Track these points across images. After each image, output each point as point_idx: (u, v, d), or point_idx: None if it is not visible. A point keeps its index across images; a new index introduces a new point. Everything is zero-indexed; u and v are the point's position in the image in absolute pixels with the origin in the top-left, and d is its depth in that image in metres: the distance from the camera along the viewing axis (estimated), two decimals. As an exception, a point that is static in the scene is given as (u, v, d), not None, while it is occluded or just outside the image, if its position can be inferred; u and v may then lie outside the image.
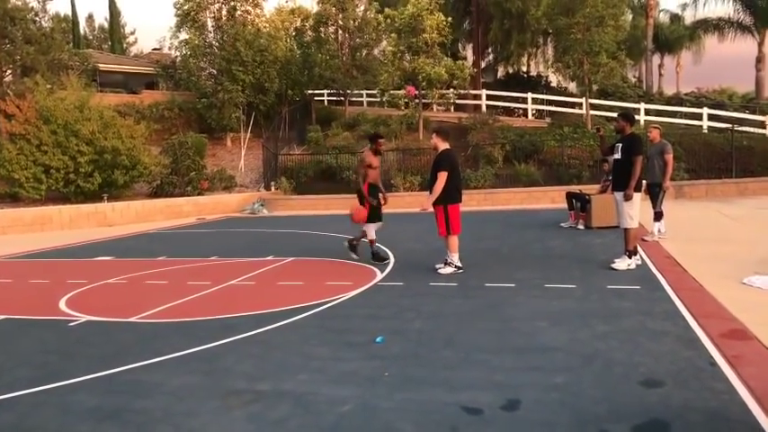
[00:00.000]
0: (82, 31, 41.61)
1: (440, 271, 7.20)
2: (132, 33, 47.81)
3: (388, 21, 21.62)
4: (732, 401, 3.19)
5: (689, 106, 23.08)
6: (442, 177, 6.95)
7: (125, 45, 43.59)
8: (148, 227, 15.33)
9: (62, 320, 5.75)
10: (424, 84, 21.01)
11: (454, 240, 7.19)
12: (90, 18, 46.83)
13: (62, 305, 6.43)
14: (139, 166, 18.42)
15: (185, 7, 24.74)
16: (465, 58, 30.14)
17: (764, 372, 3.56)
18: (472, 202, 15.97)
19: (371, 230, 8.08)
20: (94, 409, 3.53)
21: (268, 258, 9.08)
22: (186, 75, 25.20)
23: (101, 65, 27.67)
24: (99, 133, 17.64)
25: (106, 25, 43.63)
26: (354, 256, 8.42)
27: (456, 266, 7.19)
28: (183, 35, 25.33)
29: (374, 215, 8.00)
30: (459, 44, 34.26)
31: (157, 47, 35.77)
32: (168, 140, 21.38)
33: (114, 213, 16.54)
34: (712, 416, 3.03)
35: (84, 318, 5.80)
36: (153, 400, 3.62)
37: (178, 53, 26.35)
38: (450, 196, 7.05)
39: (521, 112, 26.29)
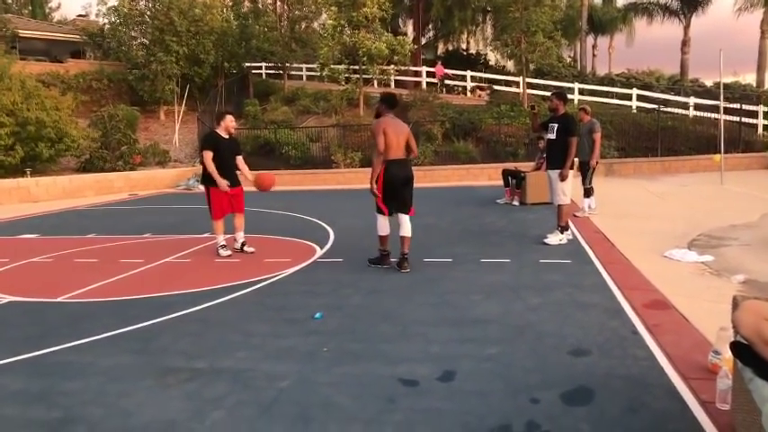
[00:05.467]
0: (-1, -6, 38.86)
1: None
2: (56, -3, 45.06)
3: (328, -7, 21.27)
4: (651, 367, 3.39)
5: (620, 87, 23.93)
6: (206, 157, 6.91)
7: (47, 10, 41.11)
8: (77, 203, 14.65)
9: (-18, 301, 5.46)
10: (364, 59, 20.85)
11: (218, 225, 7.15)
12: (9, -20, 43.74)
13: (-18, 285, 6.10)
14: (66, 139, 17.53)
15: (114, -28, 23.51)
16: (405, 34, 30.07)
17: (681, 339, 3.80)
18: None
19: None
20: (20, 392, 3.38)
21: (204, 235, 8.88)
22: (116, 44, 24.06)
23: (21, 31, 26.04)
24: (21, 104, 16.63)
25: (27, -12, 40.94)
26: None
27: (222, 249, 7.14)
28: (112, 2, 24.08)
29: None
30: (400, 20, 34.09)
31: (83, 13, 33.91)
32: (97, 113, 20.45)
33: (39, 189, 15.72)
34: (633, 381, 3.21)
35: (7, 299, 5.53)
36: (83, 381, 3.51)
37: (106, 21, 25.04)
38: (211, 179, 6.94)
39: (460, 89, 26.54)
